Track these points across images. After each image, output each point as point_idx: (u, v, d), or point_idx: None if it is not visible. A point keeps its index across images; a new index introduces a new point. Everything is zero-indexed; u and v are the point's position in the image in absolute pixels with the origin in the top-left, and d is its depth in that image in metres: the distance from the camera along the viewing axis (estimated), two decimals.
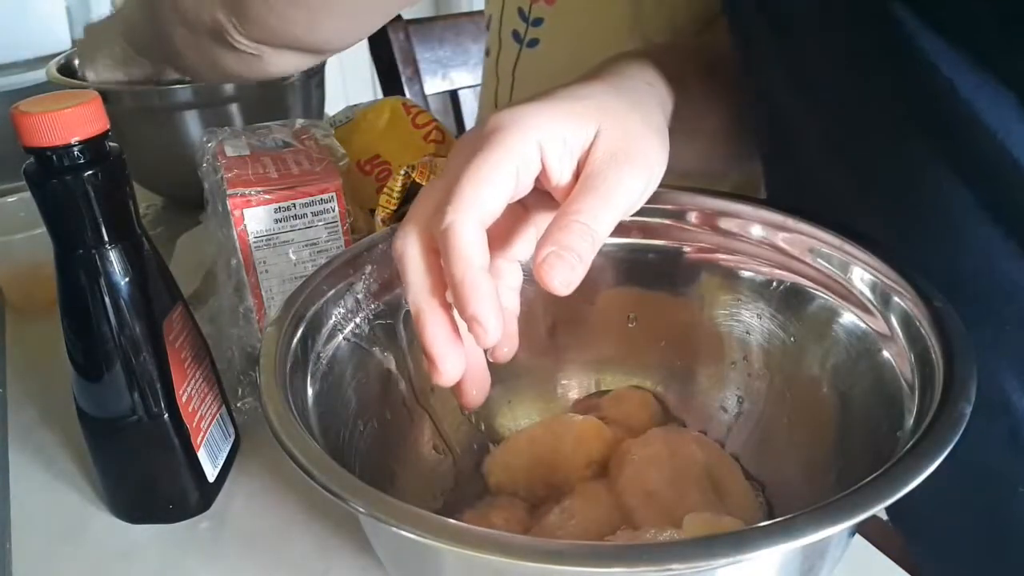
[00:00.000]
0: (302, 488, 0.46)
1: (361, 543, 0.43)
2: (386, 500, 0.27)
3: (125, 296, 0.41)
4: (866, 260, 0.38)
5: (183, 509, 0.46)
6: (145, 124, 0.73)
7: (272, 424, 0.31)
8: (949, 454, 0.27)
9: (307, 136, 0.56)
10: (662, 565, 0.24)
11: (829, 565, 0.31)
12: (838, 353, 0.40)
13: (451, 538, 0.26)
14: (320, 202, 0.48)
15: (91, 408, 0.43)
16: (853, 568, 0.39)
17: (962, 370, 0.31)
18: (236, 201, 0.47)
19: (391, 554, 0.35)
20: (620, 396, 0.47)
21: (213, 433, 0.47)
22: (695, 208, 0.44)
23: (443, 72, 1.12)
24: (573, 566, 0.25)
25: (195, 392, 0.45)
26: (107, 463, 0.45)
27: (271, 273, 0.49)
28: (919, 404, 0.32)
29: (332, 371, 0.39)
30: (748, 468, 0.43)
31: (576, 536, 0.39)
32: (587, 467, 0.43)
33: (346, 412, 0.39)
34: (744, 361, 0.45)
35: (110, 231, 0.40)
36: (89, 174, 0.39)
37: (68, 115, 0.37)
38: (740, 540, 0.25)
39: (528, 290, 0.46)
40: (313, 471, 0.29)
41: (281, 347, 0.36)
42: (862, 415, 0.38)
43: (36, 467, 0.50)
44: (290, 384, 0.34)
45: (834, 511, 0.25)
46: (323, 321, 0.39)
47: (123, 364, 0.42)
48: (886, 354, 0.37)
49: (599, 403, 0.47)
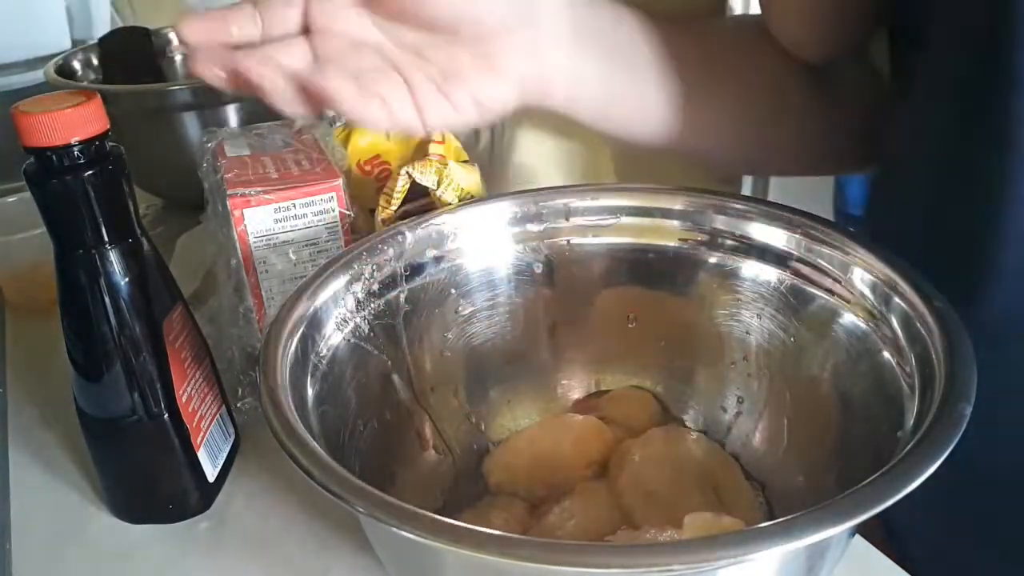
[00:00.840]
0: (302, 488, 0.46)
1: (361, 543, 0.42)
2: (386, 500, 0.27)
3: (125, 296, 0.41)
4: (866, 260, 0.38)
5: (183, 509, 0.46)
6: (145, 124, 0.73)
7: (272, 424, 0.31)
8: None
9: (307, 136, 0.56)
10: (662, 565, 0.24)
11: (829, 565, 0.31)
12: (838, 353, 0.40)
13: (451, 538, 0.26)
14: (320, 202, 0.48)
15: (91, 408, 0.43)
16: (853, 568, 0.39)
17: (962, 370, 0.31)
18: (236, 201, 0.47)
19: (391, 554, 0.35)
20: (620, 396, 0.47)
21: (213, 433, 0.47)
22: (695, 208, 0.44)
23: None
24: (573, 566, 0.25)
25: (195, 392, 0.45)
26: (107, 463, 0.45)
27: (271, 273, 0.49)
28: (919, 404, 0.32)
29: (332, 371, 0.39)
30: (748, 468, 0.43)
31: (576, 536, 0.39)
32: (587, 467, 0.43)
33: (346, 412, 0.39)
34: (744, 361, 0.45)
35: (110, 231, 0.40)
36: (89, 174, 0.39)
37: (68, 115, 0.37)
38: (741, 540, 0.25)
39: (528, 290, 0.46)
40: (313, 471, 0.29)
41: (281, 347, 0.36)
42: (862, 415, 0.38)
43: (36, 467, 0.50)
44: (290, 384, 0.34)
45: (834, 511, 0.25)
46: (323, 321, 0.39)
47: (123, 364, 0.42)
48: (886, 354, 0.37)
49: (599, 403, 0.47)
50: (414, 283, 0.44)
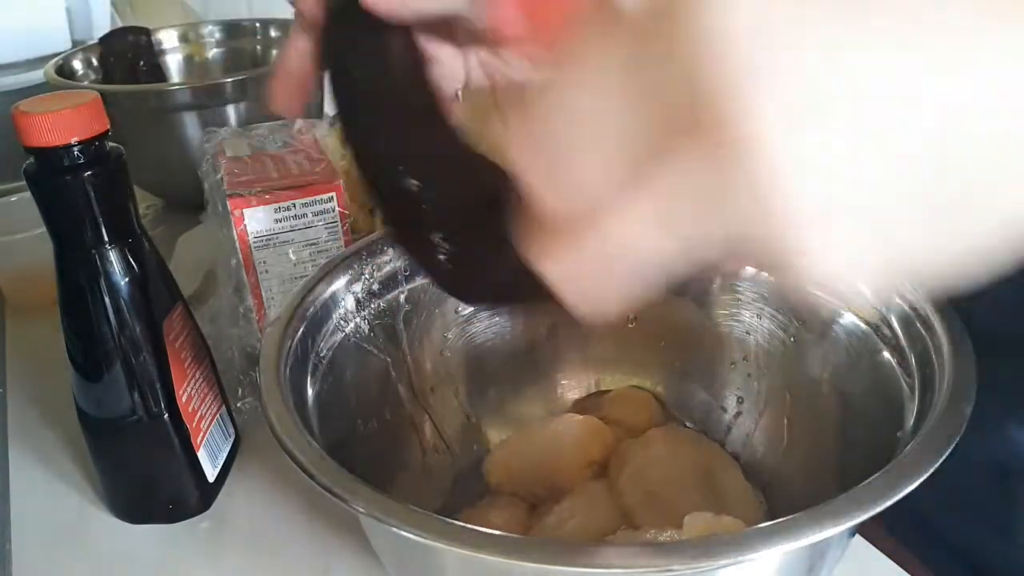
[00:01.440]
0: (302, 488, 0.46)
1: (361, 543, 0.42)
2: (386, 500, 0.27)
3: (125, 296, 0.41)
4: None
5: (183, 509, 0.46)
6: (145, 124, 0.73)
7: (272, 424, 0.31)
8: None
9: (307, 136, 0.56)
10: (663, 565, 0.24)
11: (829, 565, 0.31)
12: (838, 353, 0.40)
13: (451, 538, 0.26)
14: (320, 202, 0.48)
15: (91, 408, 0.43)
16: (853, 568, 0.39)
17: (962, 370, 0.31)
18: (236, 201, 0.47)
19: (391, 554, 0.35)
20: (620, 396, 0.47)
21: (213, 433, 0.47)
22: None
23: None
24: (574, 566, 0.25)
25: (195, 392, 0.45)
26: (107, 463, 0.45)
27: (271, 273, 0.49)
28: (919, 404, 0.32)
29: (332, 371, 0.39)
30: (748, 468, 0.43)
31: (576, 536, 0.39)
32: (587, 467, 0.43)
33: (346, 412, 0.39)
34: (744, 361, 0.45)
35: (110, 231, 0.40)
36: (89, 174, 0.39)
37: (68, 115, 0.37)
38: (741, 540, 0.25)
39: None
40: (313, 471, 0.29)
41: (281, 347, 0.36)
42: (862, 415, 0.38)
43: (36, 467, 0.50)
44: (290, 384, 0.34)
45: (834, 511, 0.25)
46: (323, 321, 0.39)
47: (123, 364, 0.42)
48: (886, 354, 0.37)
49: (599, 403, 0.47)
50: (414, 283, 0.44)
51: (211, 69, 0.89)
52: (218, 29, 0.90)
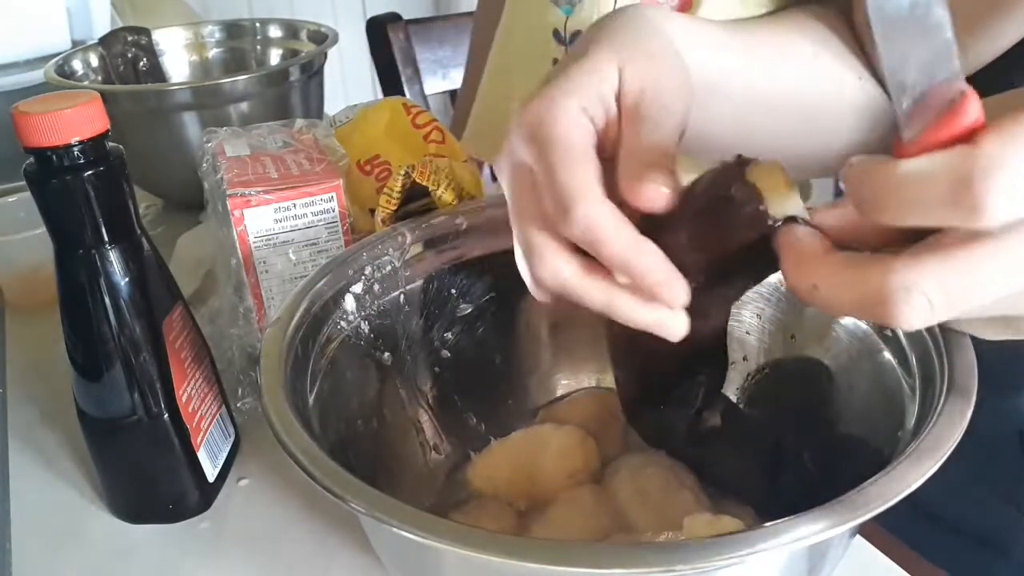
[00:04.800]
0: (302, 488, 0.46)
1: (361, 543, 0.42)
2: (386, 500, 0.27)
3: (125, 296, 0.41)
4: None
5: (183, 509, 0.46)
6: (145, 124, 0.73)
7: (272, 424, 0.31)
8: None
9: (307, 136, 0.56)
10: (664, 565, 0.24)
11: (830, 565, 0.31)
12: (838, 353, 0.40)
13: (452, 538, 0.26)
14: (320, 202, 0.48)
15: (91, 408, 0.43)
16: (853, 568, 0.39)
17: (962, 370, 0.31)
18: (236, 201, 0.47)
19: (391, 554, 0.35)
20: (578, 399, 0.47)
21: (213, 433, 0.47)
22: None
23: (443, 72, 1.12)
24: (575, 567, 0.25)
25: (195, 392, 0.45)
26: (107, 463, 0.45)
27: (271, 273, 0.49)
28: (919, 404, 0.32)
29: (332, 371, 0.39)
30: None
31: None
32: (569, 478, 0.42)
33: (346, 412, 0.39)
34: (744, 361, 0.45)
35: (110, 231, 0.40)
36: (89, 174, 0.39)
37: (68, 115, 0.37)
38: (742, 541, 0.25)
39: (528, 291, 0.45)
40: (313, 471, 0.29)
41: (281, 347, 0.36)
42: (862, 415, 0.38)
43: (36, 467, 0.50)
44: (290, 384, 0.34)
45: (834, 511, 0.25)
46: (323, 321, 0.39)
47: (123, 364, 0.42)
48: (886, 354, 0.37)
49: (557, 409, 0.47)
50: (414, 283, 0.44)
51: (211, 69, 0.89)
52: (218, 29, 0.90)
